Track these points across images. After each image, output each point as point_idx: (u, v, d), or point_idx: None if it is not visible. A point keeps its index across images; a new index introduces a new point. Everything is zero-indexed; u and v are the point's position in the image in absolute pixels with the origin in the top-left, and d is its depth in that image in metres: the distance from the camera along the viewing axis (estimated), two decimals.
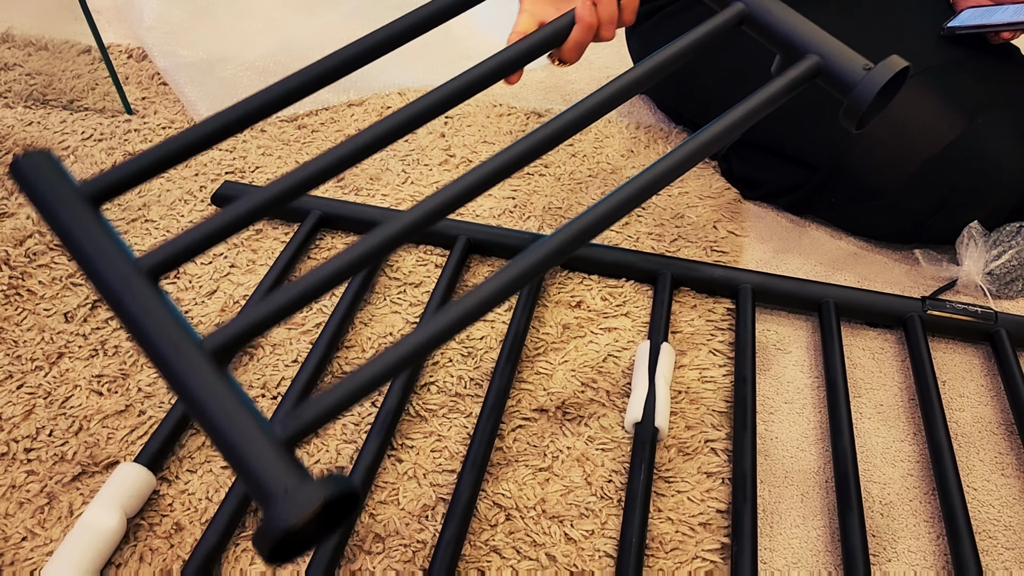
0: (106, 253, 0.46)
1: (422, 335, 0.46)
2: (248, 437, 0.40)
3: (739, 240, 0.96)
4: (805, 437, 0.75)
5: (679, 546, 0.65)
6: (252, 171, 1.02)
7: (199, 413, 0.41)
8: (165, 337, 0.43)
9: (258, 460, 0.39)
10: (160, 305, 0.45)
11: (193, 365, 0.42)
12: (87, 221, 0.48)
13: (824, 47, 0.60)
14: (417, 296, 0.86)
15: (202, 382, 0.42)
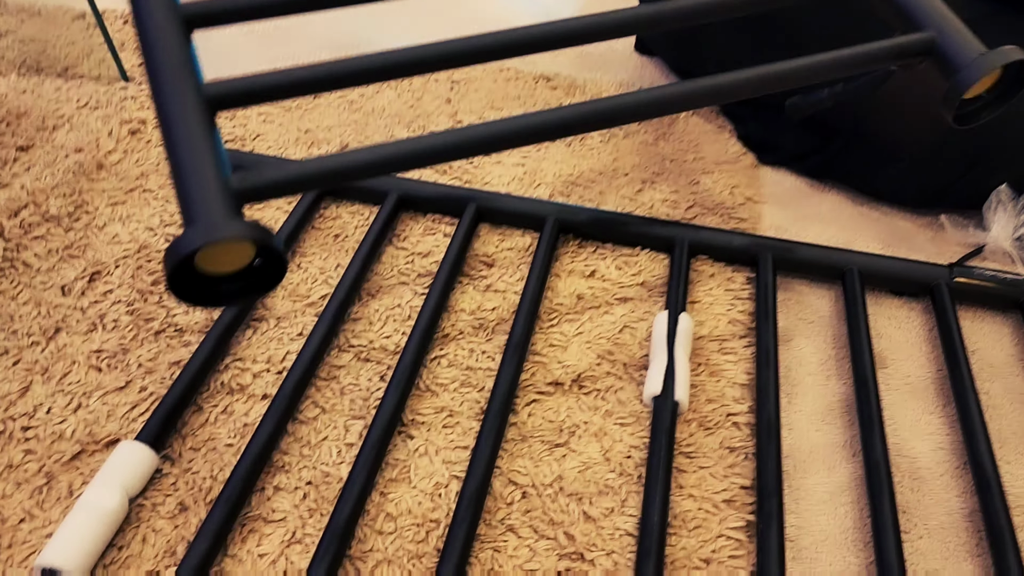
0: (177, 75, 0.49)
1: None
2: (202, 174, 0.43)
3: (757, 206, 0.93)
4: (830, 410, 0.72)
5: (702, 524, 0.63)
6: (253, 139, 0.99)
7: (170, 146, 0.44)
8: (173, 80, 0.47)
9: (202, 192, 0.42)
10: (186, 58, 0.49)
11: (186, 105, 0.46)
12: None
13: (942, 23, 0.56)
14: (426, 266, 0.83)
15: (186, 119, 0.45)
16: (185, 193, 0.43)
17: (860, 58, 0.56)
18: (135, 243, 0.84)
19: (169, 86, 0.48)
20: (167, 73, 0.48)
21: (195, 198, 0.42)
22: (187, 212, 0.42)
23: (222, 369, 0.72)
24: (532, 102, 1.06)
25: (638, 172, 0.96)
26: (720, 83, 0.56)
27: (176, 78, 0.48)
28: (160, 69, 0.49)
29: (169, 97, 0.47)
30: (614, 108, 0.55)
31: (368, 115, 1.03)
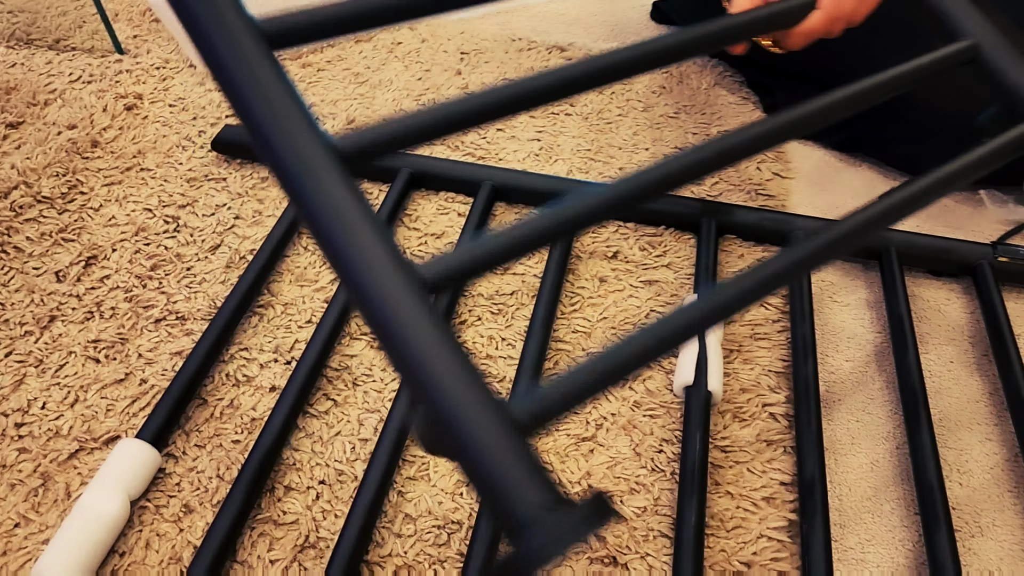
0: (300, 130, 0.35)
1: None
2: (485, 421, 0.30)
3: (785, 182, 0.88)
4: (871, 399, 0.68)
5: (741, 524, 0.59)
6: None
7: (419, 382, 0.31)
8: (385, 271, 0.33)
9: (497, 458, 0.29)
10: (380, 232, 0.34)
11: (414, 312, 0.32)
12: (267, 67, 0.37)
13: (984, 32, 0.52)
14: (440, 248, 0.78)
15: (428, 342, 0.31)
16: (475, 471, 0.30)
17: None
18: (133, 225, 0.79)
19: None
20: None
21: (500, 489, 0.29)
22: (494, 503, 0.29)
23: (227, 359, 0.68)
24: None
25: (659, 147, 0.91)
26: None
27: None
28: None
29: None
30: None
31: (375, 88, 0.98)
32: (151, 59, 1.01)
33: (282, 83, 0.36)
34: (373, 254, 0.33)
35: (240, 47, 0.37)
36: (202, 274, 0.75)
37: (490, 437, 0.29)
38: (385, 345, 0.33)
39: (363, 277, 0.33)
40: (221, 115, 0.93)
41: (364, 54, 1.04)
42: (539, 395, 0.32)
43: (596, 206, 0.47)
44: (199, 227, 0.80)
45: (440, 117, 0.41)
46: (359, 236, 0.34)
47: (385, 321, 0.32)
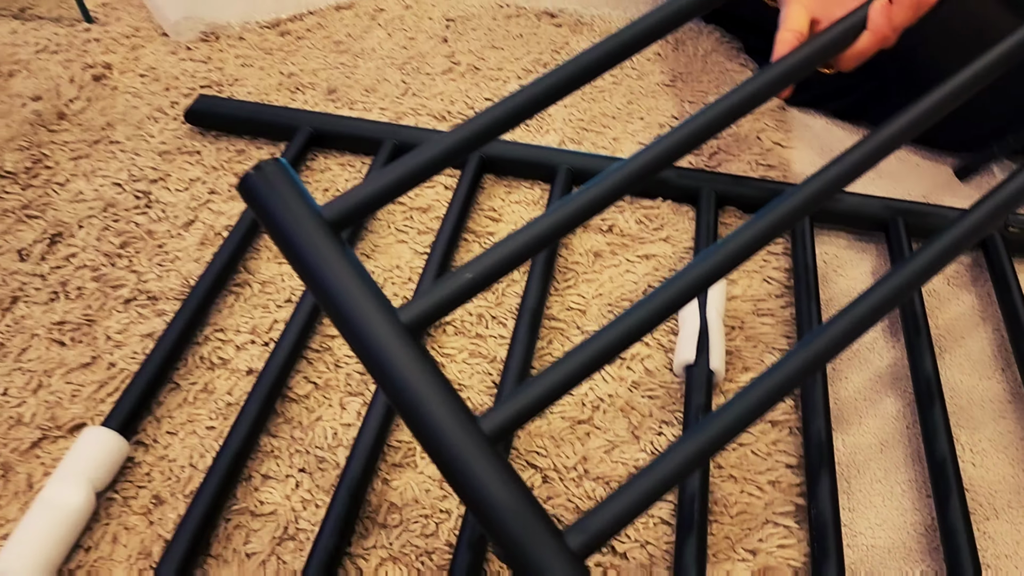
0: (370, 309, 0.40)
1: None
2: (545, 550, 0.36)
3: (786, 152, 0.85)
4: (879, 377, 0.65)
5: (746, 509, 0.56)
6: (231, 84, 0.89)
7: (487, 519, 0.37)
8: (446, 415, 0.38)
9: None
10: (425, 360, 0.40)
11: (470, 446, 0.38)
12: (340, 260, 0.41)
13: None
14: (426, 223, 0.74)
15: (495, 481, 0.37)
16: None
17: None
18: (101, 201, 0.75)
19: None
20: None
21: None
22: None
23: (201, 341, 0.64)
24: (535, 41, 0.97)
25: (655, 116, 0.87)
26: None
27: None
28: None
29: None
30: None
31: (357, 56, 0.94)
32: (121, 28, 0.96)
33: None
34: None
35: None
36: (175, 251, 0.71)
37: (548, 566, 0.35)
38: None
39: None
40: (195, 85, 0.89)
41: (345, 21, 0.99)
42: (589, 521, 0.37)
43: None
44: (172, 202, 0.76)
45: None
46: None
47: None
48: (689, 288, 0.44)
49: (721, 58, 0.95)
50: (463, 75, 0.92)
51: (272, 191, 0.42)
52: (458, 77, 0.92)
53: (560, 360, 0.41)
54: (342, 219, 0.42)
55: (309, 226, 0.41)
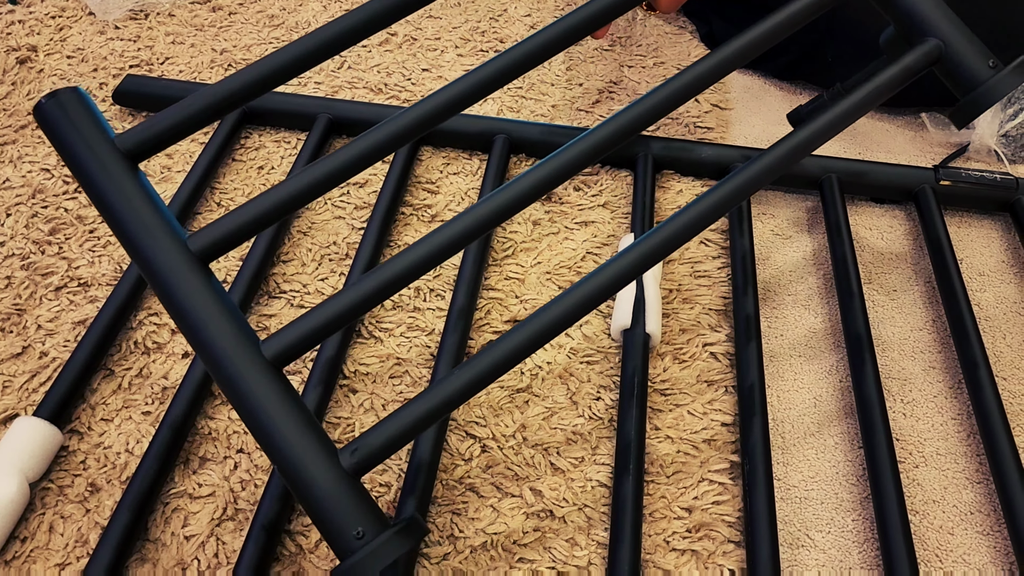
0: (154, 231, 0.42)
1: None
2: (316, 465, 0.39)
3: (725, 114, 0.85)
4: (813, 332, 0.66)
5: (682, 468, 0.57)
6: (161, 63, 0.88)
7: (261, 431, 0.40)
8: (226, 341, 0.41)
9: (327, 494, 0.39)
10: (216, 298, 0.42)
11: (252, 370, 0.41)
12: (129, 185, 0.43)
13: (948, 31, 0.52)
14: (363, 198, 0.74)
15: (264, 395, 0.40)
16: (310, 507, 0.39)
17: (873, 95, 0.51)
18: (29, 187, 0.73)
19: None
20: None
21: (328, 520, 0.39)
22: (328, 537, 0.39)
23: (135, 326, 0.64)
24: (473, 9, 0.96)
25: (593, 82, 0.87)
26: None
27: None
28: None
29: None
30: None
31: (292, 31, 0.93)
32: (46, 8, 0.93)
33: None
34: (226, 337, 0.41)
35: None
36: (106, 237, 0.70)
37: (318, 481, 0.39)
38: (238, 412, 0.41)
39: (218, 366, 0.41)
40: (124, 65, 0.87)
41: None
42: (366, 442, 0.40)
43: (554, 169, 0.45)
44: None
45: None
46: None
47: (237, 395, 0.41)
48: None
49: (658, 21, 0.95)
50: (400, 46, 0.91)
51: (67, 118, 0.43)
52: (395, 48, 0.91)
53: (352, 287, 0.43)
54: (137, 149, 0.44)
55: (102, 152, 0.43)
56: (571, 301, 0.44)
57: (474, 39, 0.92)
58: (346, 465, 0.39)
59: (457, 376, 0.42)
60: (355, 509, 0.39)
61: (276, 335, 0.41)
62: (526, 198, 0.46)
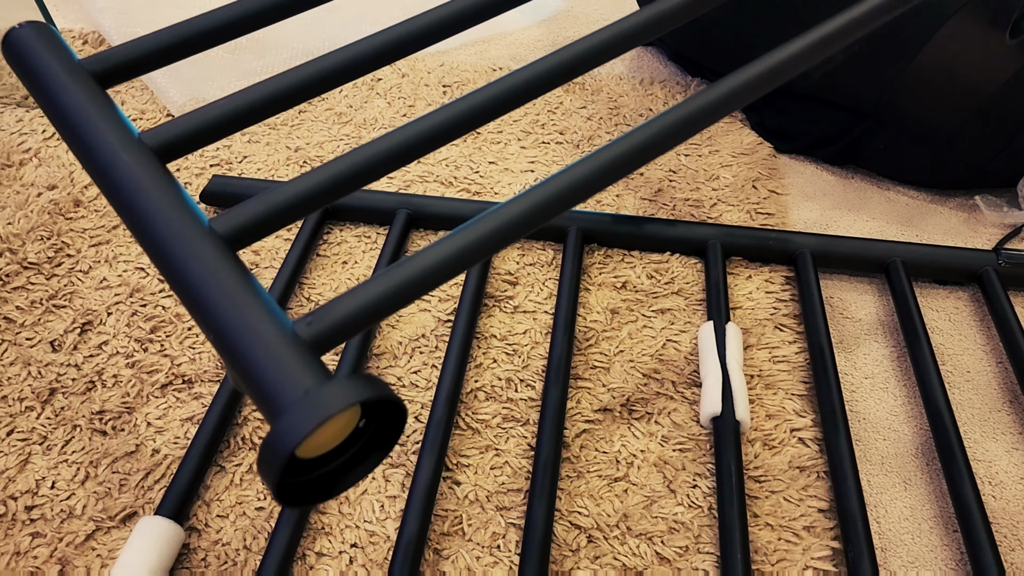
0: (115, 134, 0.40)
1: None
2: (261, 332, 0.32)
3: (782, 199, 0.88)
4: (894, 415, 0.68)
5: (785, 556, 0.58)
6: (240, 161, 0.92)
7: (203, 308, 0.34)
8: (173, 219, 0.36)
9: (272, 360, 0.31)
10: (168, 185, 0.38)
11: (201, 249, 0.35)
12: (96, 99, 0.41)
13: None
14: (445, 289, 0.77)
15: (208, 267, 0.34)
16: (248, 368, 0.32)
17: (876, 9, 0.50)
18: (126, 287, 0.77)
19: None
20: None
21: (267, 375, 0.31)
22: (263, 396, 0.31)
23: (240, 422, 0.66)
24: (530, 103, 1.00)
25: (653, 171, 0.91)
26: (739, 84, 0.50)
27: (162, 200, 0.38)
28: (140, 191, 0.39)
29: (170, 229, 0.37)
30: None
31: (360, 127, 0.97)
32: (127, 111, 0.98)
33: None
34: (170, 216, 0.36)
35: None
36: (203, 335, 0.73)
37: (261, 343, 0.31)
38: (169, 282, 0.36)
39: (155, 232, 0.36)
40: (205, 165, 0.91)
41: (345, 92, 1.02)
42: (324, 313, 0.34)
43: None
44: None
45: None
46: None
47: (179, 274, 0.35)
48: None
49: None
50: (464, 140, 0.95)
51: (33, 45, 0.43)
52: (460, 142, 0.95)
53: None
54: (106, 72, 0.44)
55: (68, 74, 0.42)
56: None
57: (535, 131, 0.96)
58: (304, 336, 0.33)
59: (425, 253, 0.37)
60: (303, 370, 0.31)
61: (227, 214, 0.38)
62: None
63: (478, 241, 0.39)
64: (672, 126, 0.48)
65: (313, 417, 0.28)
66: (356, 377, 0.30)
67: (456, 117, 0.48)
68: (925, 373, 0.67)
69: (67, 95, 0.41)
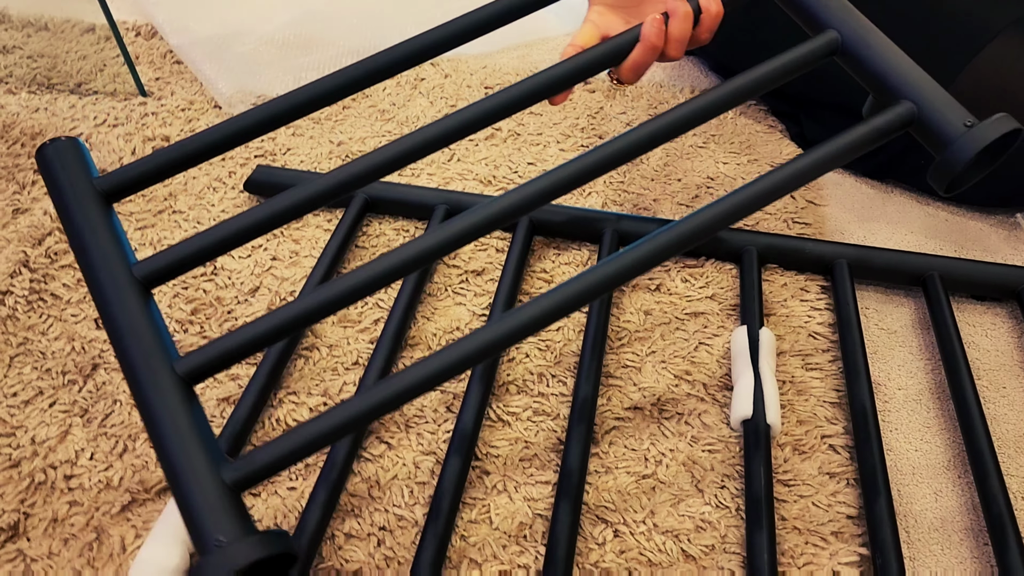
0: (105, 255, 0.48)
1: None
2: (194, 474, 0.41)
3: (820, 210, 0.88)
4: (928, 427, 0.68)
5: (812, 560, 0.58)
6: (284, 153, 0.93)
7: (154, 437, 0.43)
8: (139, 350, 0.45)
9: (200, 503, 0.40)
10: (143, 316, 0.46)
11: (159, 384, 0.43)
12: (95, 218, 0.50)
13: (922, 93, 0.54)
14: (481, 285, 0.78)
15: (163, 403, 0.43)
16: (181, 504, 0.41)
17: (840, 152, 0.53)
18: None
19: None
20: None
21: (195, 517, 0.40)
22: (191, 532, 0.41)
23: (275, 404, 0.67)
24: (571, 107, 1.02)
25: (691, 177, 0.91)
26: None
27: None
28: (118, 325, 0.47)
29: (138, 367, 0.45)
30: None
31: (402, 125, 0.98)
32: (176, 101, 1.00)
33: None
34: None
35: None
36: (243, 317, 0.74)
37: (193, 489, 0.41)
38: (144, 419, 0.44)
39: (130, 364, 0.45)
40: (250, 156, 0.93)
41: (388, 91, 1.04)
42: (251, 459, 0.42)
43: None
44: (236, 269, 0.79)
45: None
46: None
47: (141, 403, 0.44)
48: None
49: (749, 120, 1.00)
50: (504, 141, 0.96)
51: (59, 161, 0.51)
52: (500, 143, 0.96)
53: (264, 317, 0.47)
54: (113, 190, 0.51)
55: (78, 195, 0.50)
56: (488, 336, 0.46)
57: (574, 135, 0.97)
58: (227, 478, 0.41)
59: (351, 403, 0.43)
60: (222, 518, 0.40)
61: (191, 354, 0.45)
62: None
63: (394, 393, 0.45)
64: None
65: (221, 568, 0.38)
66: (265, 537, 0.39)
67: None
68: (960, 387, 0.67)
69: (75, 216, 0.50)
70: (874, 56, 0.56)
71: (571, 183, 0.52)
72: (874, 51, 0.56)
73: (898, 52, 0.56)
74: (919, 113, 0.53)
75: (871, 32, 0.57)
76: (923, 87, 0.54)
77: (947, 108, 0.53)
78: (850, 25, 0.57)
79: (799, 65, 0.56)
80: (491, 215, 0.50)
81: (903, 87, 0.54)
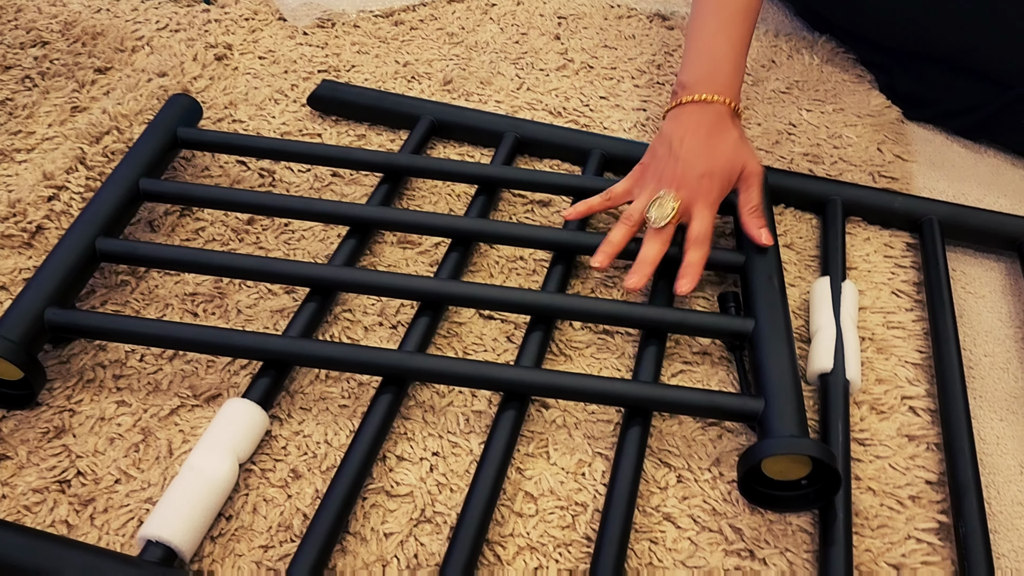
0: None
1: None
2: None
3: (908, 166, 0.83)
4: (1015, 397, 0.63)
5: (887, 523, 0.55)
6: (348, 70, 0.90)
7: None
8: None
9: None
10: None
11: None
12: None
13: (777, 395, 0.56)
14: (547, 216, 0.74)
15: None
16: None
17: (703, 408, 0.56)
18: (227, 177, 0.76)
19: None
20: None
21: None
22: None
23: (331, 320, 0.65)
24: (648, 42, 0.97)
25: (772, 122, 0.86)
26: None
27: None
28: None
29: None
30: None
31: (471, 49, 0.94)
32: (239, 10, 0.97)
33: None
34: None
35: None
36: (300, 231, 0.72)
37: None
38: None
39: None
40: (312, 70, 0.89)
41: (458, 14, 1.00)
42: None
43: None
44: (295, 182, 0.76)
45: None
46: None
47: None
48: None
49: (836, 68, 0.94)
50: (576, 72, 0.92)
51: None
52: (572, 74, 0.91)
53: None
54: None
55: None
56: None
57: (650, 71, 0.92)
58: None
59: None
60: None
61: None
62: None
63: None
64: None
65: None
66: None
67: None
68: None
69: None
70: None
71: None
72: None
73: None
74: (765, 411, 0.55)
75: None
76: (781, 390, 0.56)
77: (790, 415, 0.54)
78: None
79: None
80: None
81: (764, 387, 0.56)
